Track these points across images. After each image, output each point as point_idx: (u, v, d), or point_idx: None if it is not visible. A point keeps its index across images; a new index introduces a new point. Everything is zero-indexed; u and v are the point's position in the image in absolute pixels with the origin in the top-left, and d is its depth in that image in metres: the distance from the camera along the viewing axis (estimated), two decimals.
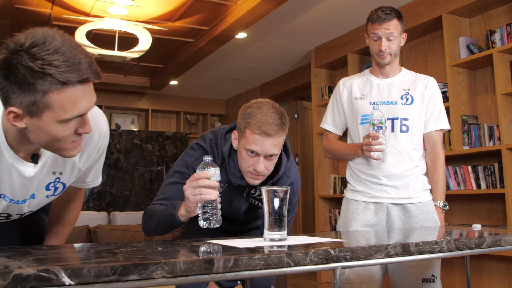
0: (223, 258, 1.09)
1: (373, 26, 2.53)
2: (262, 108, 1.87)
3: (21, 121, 1.27)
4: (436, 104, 2.55)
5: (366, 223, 2.47)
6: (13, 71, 1.20)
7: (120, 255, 1.17)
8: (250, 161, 1.88)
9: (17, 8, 4.87)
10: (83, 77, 1.24)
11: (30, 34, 1.22)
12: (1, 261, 1.12)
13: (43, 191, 1.58)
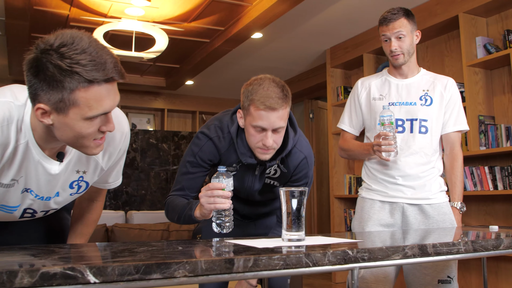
0: (243, 258, 1.11)
1: (381, 28, 2.52)
2: (263, 83, 1.91)
3: (48, 118, 1.33)
4: (455, 105, 2.53)
5: (382, 222, 2.46)
6: (42, 69, 1.26)
7: (142, 254, 1.19)
8: (258, 137, 1.92)
9: (36, 10, 4.94)
10: (108, 76, 1.30)
11: (59, 35, 1.29)
12: (27, 259, 1.15)
13: (67, 189, 1.62)
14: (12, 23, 5.02)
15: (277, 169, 2.13)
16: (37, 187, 1.54)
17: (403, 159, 2.45)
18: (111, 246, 1.42)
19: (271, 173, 2.13)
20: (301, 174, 2.15)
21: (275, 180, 2.16)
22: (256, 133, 1.92)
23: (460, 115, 2.54)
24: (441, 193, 2.50)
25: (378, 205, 2.51)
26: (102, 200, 1.95)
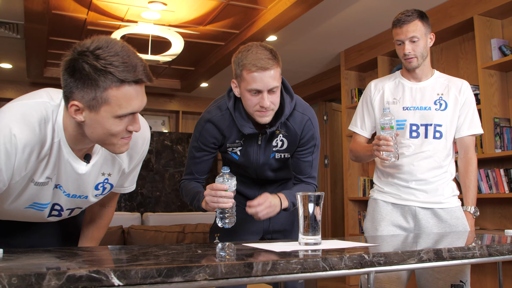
0: (262, 262, 1.14)
1: (395, 30, 2.49)
2: (251, 48, 1.98)
3: (81, 115, 1.43)
4: (470, 109, 2.51)
5: (395, 223, 2.46)
6: (78, 69, 1.38)
7: (163, 257, 1.23)
8: (255, 100, 1.98)
9: (54, 14, 5.02)
10: (138, 78, 1.41)
11: (95, 39, 1.42)
12: (53, 261, 1.19)
13: (93, 191, 1.70)
14: (31, 27, 5.10)
15: (283, 139, 2.18)
16: (66, 184, 1.62)
17: (416, 163, 2.44)
18: (132, 249, 1.45)
19: (278, 145, 2.18)
20: (308, 136, 2.19)
21: (283, 153, 2.21)
22: (252, 97, 1.98)
23: (475, 118, 2.52)
24: (453, 197, 2.49)
25: (390, 207, 2.50)
26: (113, 206, 2.03)
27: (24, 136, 1.42)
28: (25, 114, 1.45)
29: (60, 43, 5.98)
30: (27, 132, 1.43)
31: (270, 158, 2.20)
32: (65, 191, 1.65)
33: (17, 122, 1.42)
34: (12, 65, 6.99)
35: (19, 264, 1.11)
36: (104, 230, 2.04)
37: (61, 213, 1.76)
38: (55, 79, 7.34)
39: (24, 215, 1.70)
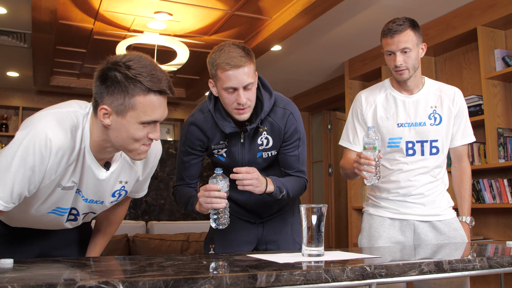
0: (266, 274, 1.17)
1: (385, 40, 2.37)
2: (224, 48, 2.03)
3: (108, 118, 1.58)
4: (463, 118, 2.45)
5: (393, 240, 2.39)
6: (110, 77, 1.55)
7: (170, 268, 1.26)
8: (231, 98, 2.03)
9: (61, 24, 5.08)
10: (162, 89, 1.56)
11: (127, 54, 1.61)
12: (63, 272, 1.22)
13: (109, 197, 1.81)
14: (38, 36, 5.17)
15: (268, 137, 2.22)
16: (85, 189, 1.72)
17: (413, 178, 2.39)
18: (139, 260, 1.49)
19: (264, 143, 2.22)
20: (291, 130, 2.22)
21: (270, 151, 2.24)
22: (229, 95, 2.03)
23: (467, 127, 2.48)
24: (449, 208, 2.46)
25: (388, 222, 2.43)
26: (126, 205, 2.13)
27: (58, 140, 1.54)
28: (59, 121, 1.57)
29: (67, 52, 6.05)
30: (61, 137, 1.55)
31: (257, 157, 2.24)
32: (83, 195, 1.74)
33: (53, 128, 1.54)
34: (19, 74, 7.06)
35: (30, 275, 1.14)
36: (116, 226, 2.14)
37: (77, 218, 1.85)
38: (61, 87, 7.41)
39: (43, 221, 1.78)
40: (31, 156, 1.49)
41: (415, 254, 1.84)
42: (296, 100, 8.02)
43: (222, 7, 4.66)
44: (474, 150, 4.51)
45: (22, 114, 7.87)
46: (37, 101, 7.94)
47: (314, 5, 4.29)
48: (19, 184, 1.51)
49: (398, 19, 2.35)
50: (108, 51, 5.86)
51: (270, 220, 2.40)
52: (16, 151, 1.49)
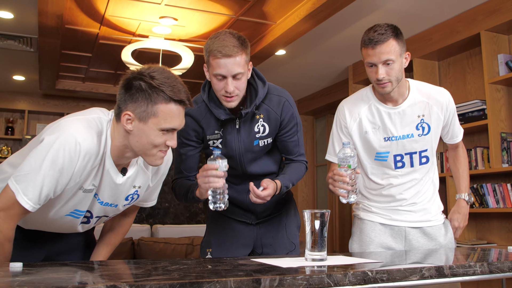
0: (269, 278, 1.19)
1: (366, 51, 2.19)
2: (219, 35, 2.08)
3: (131, 124, 1.69)
4: (454, 120, 2.38)
5: (384, 246, 2.33)
6: (135, 86, 1.67)
7: (175, 272, 1.29)
8: (221, 85, 2.08)
9: (68, 28, 5.13)
10: (181, 99, 1.68)
11: (150, 66, 1.72)
12: (72, 276, 1.25)
13: (123, 201, 1.89)
14: (44, 41, 5.21)
15: (265, 124, 2.26)
16: (102, 193, 1.80)
17: (405, 192, 2.32)
18: (145, 264, 1.51)
19: (260, 130, 2.26)
20: (288, 116, 2.27)
21: (266, 138, 2.28)
22: (218, 82, 2.08)
23: (457, 126, 2.43)
24: (439, 214, 2.41)
25: (379, 227, 2.36)
26: (133, 216, 2.18)
27: (87, 144, 1.64)
28: (87, 126, 1.68)
29: (72, 57, 6.10)
30: (89, 141, 1.65)
31: (254, 145, 2.27)
32: (99, 198, 1.81)
33: (81, 132, 1.64)
34: (25, 77, 7.12)
35: (40, 278, 1.17)
36: (121, 237, 2.19)
37: (90, 221, 1.91)
38: (66, 91, 7.46)
39: (58, 223, 1.84)
40: (61, 158, 1.58)
41: (406, 259, 1.86)
42: (300, 104, 8.05)
43: (226, 12, 4.70)
44: (477, 154, 4.53)
45: (27, 118, 7.93)
46: (43, 104, 7.99)
47: (318, 10, 4.33)
48: (47, 185, 1.59)
49: (379, 26, 2.18)
50: (113, 56, 5.93)
51: (265, 222, 2.43)
52: (47, 153, 1.58)
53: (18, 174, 1.59)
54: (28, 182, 1.58)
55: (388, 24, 2.19)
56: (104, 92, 7.53)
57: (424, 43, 5.07)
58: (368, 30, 2.21)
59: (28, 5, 4.59)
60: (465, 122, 4.61)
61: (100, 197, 1.81)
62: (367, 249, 2.34)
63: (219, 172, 1.91)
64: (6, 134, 7.79)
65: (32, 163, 1.58)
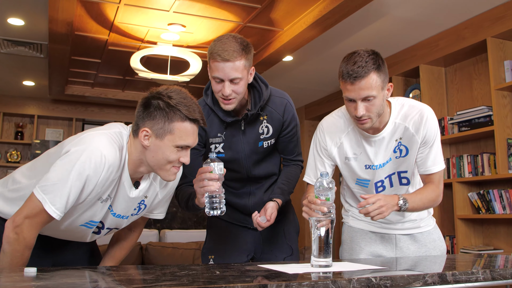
0: (276, 284, 1.23)
1: (344, 85, 2.00)
2: (222, 39, 2.11)
3: (148, 140, 1.78)
4: (428, 145, 2.13)
5: (375, 254, 2.28)
6: (153, 105, 1.77)
7: (184, 278, 1.32)
8: (218, 87, 2.12)
9: (77, 35, 5.19)
10: (196, 118, 1.78)
11: (168, 87, 1.82)
12: (85, 281, 1.29)
13: (132, 210, 1.95)
14: (54, 47, 5.28)
15: (268, 125, 2.31)
16: (116, 205, 1.87)
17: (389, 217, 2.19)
18: (155, 269, 1.55)
19: (264, 132, 2.31)
20: (289, 117, 2.34)
21: (270, 139, 2.33)
22: (216, 84, 2.12)
23: (433, 154, 2.14)
24: (429, 218, 2.34)
25: (369, 235, 2.31)
26: (139, 232, 2.23)
27: (111, 157, 1.73)
28: (110, 140, 1.77)
29: (82, 62, 6.17)
30: (113, 154, 1.75)
31: (258, 147, 2.32)
32: (112, 210, 1.88)
33: (106, 146, 1.74)
34: (35, 83, 7.19)
35: (54, 283, 1.21)
36: (127, 251, 2.23)
37: (101, 232, 1.97)
38: (75, 96, 7.53)
39: (70, 232, 1.90)
40: (87, 170, 1.67)
41: (423, 266, 1.89)
42: (307, 109, 8.08)
43: (234, 19, 4.75)
44: (484, 160, 4.54)
45: (37, 122, 8.00)
46: (52, 109, 8.07)
47: (325, 17, 4.36)
48: (73, 195, 1.67)
49: (360, 56, 1.98)
50: (122, 62, 5.99)
51: None
52: (74, 165, 1.66)
53: (45, 184, 1.66)
54: (56, 192, 1.65)
55: (369, 53, 2.00)
56: (113, 97, 7.60)
57: (431, 49, 5.10)
58: (346, 59, 2.02)
59: (38, 12, 4.66)
60: (472, 128, 4.63)
61: (113, 208, 1.88)
62: (357, 258, 2.28)
63: (213, 174, 1.88)
64: (15, 139, 7.87)
65: (59, 174, 1.66)
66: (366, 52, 2.01)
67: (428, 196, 2.14)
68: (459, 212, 4.68)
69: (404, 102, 2.18)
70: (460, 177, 4.77)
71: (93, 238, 2.01)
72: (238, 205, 2.42)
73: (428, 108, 2.17)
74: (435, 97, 5.19)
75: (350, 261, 2.13)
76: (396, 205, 2.01)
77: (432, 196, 2.15)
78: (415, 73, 5.47)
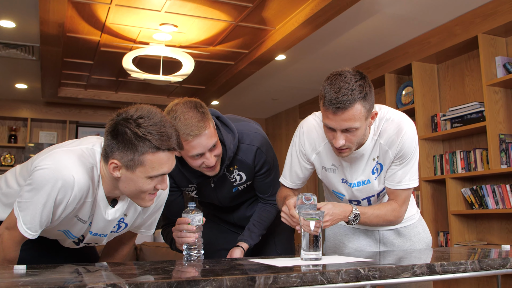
0: (264, 276, 1.23)
1: (325, 111, 1.80)
2: (177, 115, 1.95)
3: (118, 171, 1.64)
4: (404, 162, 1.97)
5: (359, 250, 2.22)
6: (121, 133, 1.60)
7: (174, 272, 1.33)
8: (199, 162, 2.02)
9: (69, 36, 5.18)
10: (171, 147, 1.63)
11: (139, 108, 1.65)
12: (73, 276, 1.29)
13: (110, 228, 1.86)
14: (46, 49, 5.27)
15: (240, 173, 2.24)
16: (93, 224, 1.80)
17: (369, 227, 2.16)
18: (145, 265, 1.55)
19: (237, 179, 2.25)
20: (261, 163, 2.24)
21: (245, 183, 2.28)
22: (196, 160, 2.01)
23: (406, 172, 1.98)
24: (413, 211, 2.24)
25: (352, 231, 2.24)
26: (130, 244, 2.17)
27: (80, 180, 1.61)
28: (80, 160, 1.65)
29: (74, 64, 6.16)
30: (82, 176, 1.62)
31: (233, 192, 2.28)
32: (91, 231, 1.82)
33: (75, 165, 1.62)
34: (27, 85, 7.18)
35: (43, 279, 1.21)
36: None
37: (79, 244, 1.92)
38: (68, 98, 7.51)
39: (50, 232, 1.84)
40: (55, 191, 1.58)
41: (414, 257, 1.89)
42: (301, 108, 8.09)
43: (226, 18, 4.75)
44: (476, 156, 4.56)
45: (30, 126, 7.98)
46: (45, 112, 8.05)
47: (316, 15, 4.37)
48: (46, 215, 1.61)
49: (345, 81, 1.77)
50: (114, 63, 5.99)
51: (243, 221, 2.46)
52: (43, 187, 1.57)
53: (20, 201, 1.63)
54: (27, 211, 1.61)
55: (357, 78, 1.79)
56: (106, 99, 7.59)
57: (423, 46, 5.11)
58: (330, 81, 1.81)
59: (29, 14, 4.65)
60: (464, 124, 4.65)
61: (92, 229, 1.82)
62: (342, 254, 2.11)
63: (191, 227, 1.86)
64: (9, 142, 7.85)
65: (30, 194, 1.60)
66: (353, 76, 1.80)
67: (385, 217, 1.99)
68: (452, 207, 4.70)
69: (384, 116, 1.99)
70: (453, 173, 4.78)
71: (74, 246, 1.95)
72: (222, 218, 2.45)
73: (408, 122, 1.98)
74: (428, 94, 5.21)
75: (354, 252, 2.14)
76: (346, 218, 1.89)
77: (390, 218, 2.00)
78: (408, 70, 5.49)
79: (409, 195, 2.06)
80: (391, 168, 2.00)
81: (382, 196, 2.12)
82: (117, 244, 2.12)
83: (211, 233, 2.43)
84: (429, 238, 2.29)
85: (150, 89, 7.35)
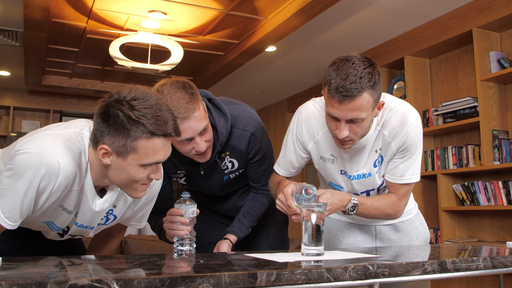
0: (266, 272, 1.13)
1: (329, 99, 1.67)
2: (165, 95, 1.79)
3: (108, 158, 1.49)
4: (408, 155, 1.87)
5: (354, 246, 2.10)
6: (113, 116, 1.44)
7: (165, 267, 1.22)
8: (189, 147, 1.87)
9: (54, 22, 5.02)
10: (167, 132, 1.47)
11: (132, 89, 1.48)
12: (53, 270, 1.18)
13: (98, 220, 1.71)
14: (30, 34, 5.11)
15: (232, 160, 2.10)
16: (79, 215, 1.64)
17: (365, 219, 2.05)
18: (134, 258, 1.44)
19: (229, 167, 2.12)
20: (254, 150, 2.10)
21: (237, 171, 2.15)
22: (185, 145, 1.87)
23: (408, 166, 1.89)
24: (411, 205, 2.13)
25: (347, 226, 2.13)
26: (119, 238, 2.04)
27: (66, 166, 1.45)
28: (66, 145, 1.49)
29: (59, 51, 5.99)
30: (68, 163, 1.46)
31: (224, 180, 2.15)
32: (76, 222, 1.66)
33: (61, 150, 1.46)
34: (10, 73, 6.99)
35: (19, 273, 1.10)
36: None
37: (64, 236, 1.77)
38: (52, 87, 7.34)
39: (32, 224, 1.70)
40: (37, 179, 1.42)
41: (421, 254, 1.80)
42: (289, 102, 8.00)
43: (217, 7, 4.63)
44: (469, 152, 4.51)
45: (13, 114, 7.79)
46: (29, 101, 7.86)
47: (309, 5, 4.27)
48: (26, 205, 1.45)
49: (354, 67, 1.64)
50: (101, 51, 5.83)
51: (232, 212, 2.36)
52: (23, 173, 1.41)
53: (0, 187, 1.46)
54: (5, 199, 1.44)
55: (366, 65, 1.66)
56: (92, 88, 7.42)
57: (416, 40, 5.04)
58: (337, 67, 1.66)
59: None
60: (456, 120, 4.59)
61: (77, 220, 1.66)
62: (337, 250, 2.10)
63: (184, 219, 1.72)
64: None
65: (10, 180, 1.43)
66: (361, 62, 1.66)
67: (384, 210, 1.90)
68: (443, 204, 4.64)
69: (388, 105, 1.87)
70: (444, 169, 4.72)
71: (58, 238, 1.80)
72: (212, 208, 2.32)
73: (414, 113, 1.86)
74: (420, 89, 5.14)
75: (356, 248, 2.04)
76: (343, 207, 1.79)
77: (389, 211, 1.91)
78: (400, 65, 5.41)
79: (410, 189, 1.96)
80: (392, 161, 1.90)
81: (382, 191, 2.02)
82: (106, 237, 1.99)
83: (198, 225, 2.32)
84: (427, 233, 2.19)
85: (137, 79, 7.18)
